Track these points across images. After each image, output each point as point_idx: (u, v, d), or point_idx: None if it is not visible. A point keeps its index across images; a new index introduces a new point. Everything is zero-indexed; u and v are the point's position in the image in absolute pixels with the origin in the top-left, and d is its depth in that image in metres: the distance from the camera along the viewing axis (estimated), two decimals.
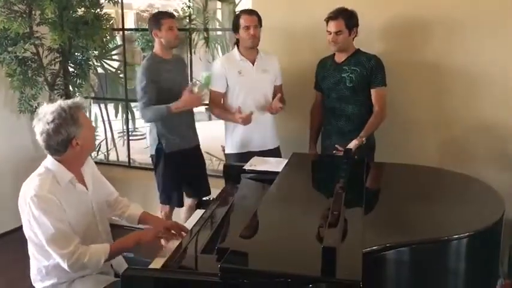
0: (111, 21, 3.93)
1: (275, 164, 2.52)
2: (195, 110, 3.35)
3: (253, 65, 3.09)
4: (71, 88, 3.89)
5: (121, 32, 4.63)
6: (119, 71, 4.93)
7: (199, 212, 2.31)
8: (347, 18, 2.85)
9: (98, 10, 3.74)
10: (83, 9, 3.68)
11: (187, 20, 4.19)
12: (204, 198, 2.62)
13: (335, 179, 2.01)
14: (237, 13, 3.23)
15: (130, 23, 9.29)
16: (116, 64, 4.96)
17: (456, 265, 1.79)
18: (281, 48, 3.26)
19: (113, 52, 4.97)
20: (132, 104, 4.68)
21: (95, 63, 4.49)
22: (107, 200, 2.22)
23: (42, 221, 1.84)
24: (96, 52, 4.16)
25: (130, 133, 4.73)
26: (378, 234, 1.75)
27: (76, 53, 3.84)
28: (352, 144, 2.74)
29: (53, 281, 1.97)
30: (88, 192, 2.05)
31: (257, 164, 2.56)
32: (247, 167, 2.52)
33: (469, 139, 3.10)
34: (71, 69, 3.90)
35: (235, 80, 3.08)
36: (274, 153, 3.13)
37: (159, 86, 3.02)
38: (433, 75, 3.10)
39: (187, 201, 3.35)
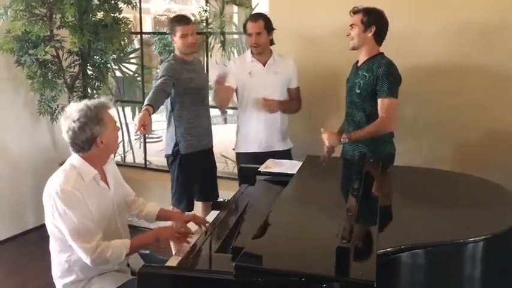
0: (130, 25, 3.98)
1: (290, 166, 2.53)
2: (211, 113, 3.36)
3: (264, 66, 3.13)
4: (89, 90, 3.95)
5: (139, 36, 4.70)
6: (136, 74, 5.00)
7: (214, 213, 2.33)
8: (366, 14, 2.69)
9: (117, 14, 3.80)
10: (102, 13, 3.74)
11: (204, 24, 4.24)
12: (219, 199, 2.63)
13: (350, 181, 2.02)
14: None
15: (148, 27, 9.37)
16: (133, 67, 5.04)
17: (472, 269, 1.77)
18: (297, 49, 3.26)
19: (131, 56, 5.06)
20: None
21: (113, 66, 4.57)
22: (126, 200, 2.26)
23: (67, 215, 1.87)
24: (114, 55, 4.22)
25: (146, 136, 4.78)
26: (393, 236, 1.75)
27: (95, 56, 3.90)
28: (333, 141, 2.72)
29: (73, 277, 2.00)
30: (110, 190, 2.09)
31: (272, 166, 2.57)
32: (262, 168, 2.54)
33: (489, 144, 3.05)
34: (89, 72, 3.96)
35: (245, 81, 3.13)
36: (284, 155, 3.08)
37: (181, 84, 3.04)
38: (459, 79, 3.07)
39: (199, 204, 3.35)
